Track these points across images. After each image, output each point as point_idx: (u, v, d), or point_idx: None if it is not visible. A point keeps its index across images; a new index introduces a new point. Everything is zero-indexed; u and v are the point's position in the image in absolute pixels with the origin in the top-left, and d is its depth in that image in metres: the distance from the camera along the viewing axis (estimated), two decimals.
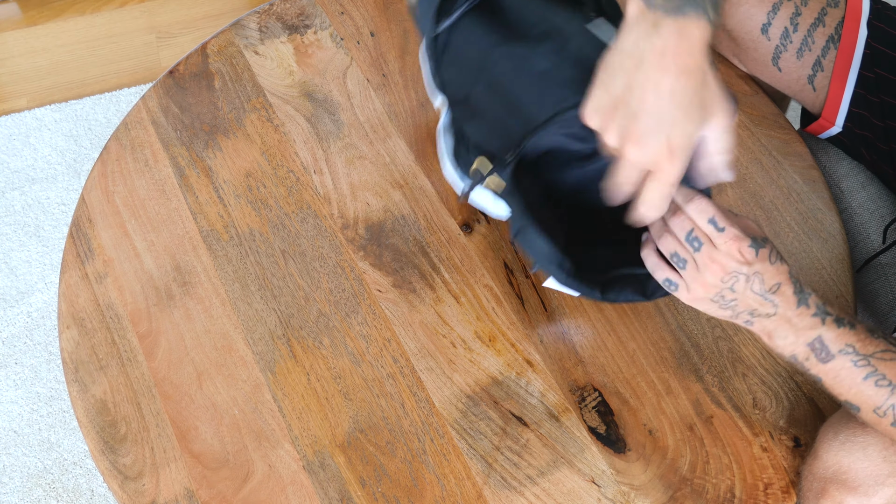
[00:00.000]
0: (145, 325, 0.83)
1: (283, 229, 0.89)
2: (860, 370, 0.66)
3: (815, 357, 0.67)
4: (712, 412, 0.78)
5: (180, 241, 0.88)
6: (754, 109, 0.98)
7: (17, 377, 1.38)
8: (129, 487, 0.75)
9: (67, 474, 1.30)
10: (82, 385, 0.81)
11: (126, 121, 0.97)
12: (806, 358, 0.67)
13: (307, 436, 0.78)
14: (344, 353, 0.82)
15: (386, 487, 0.75)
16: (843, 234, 0.89)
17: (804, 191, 0.92)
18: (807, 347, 0.67)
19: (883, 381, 0.66)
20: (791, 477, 0.75)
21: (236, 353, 0.82)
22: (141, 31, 1.80)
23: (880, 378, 0.66)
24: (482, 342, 0.82)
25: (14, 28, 1.81)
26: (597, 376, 0.80)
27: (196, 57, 1.02)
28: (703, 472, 0.76)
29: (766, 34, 0.96)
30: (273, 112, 0.97)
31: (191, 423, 0.78)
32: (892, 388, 0.66)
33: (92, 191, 0.92)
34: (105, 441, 0.78)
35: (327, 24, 1.04)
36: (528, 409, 0.79)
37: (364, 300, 0.85)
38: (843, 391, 0.68)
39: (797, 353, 0.68)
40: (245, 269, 0.87)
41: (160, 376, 0.81)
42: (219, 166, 0.93)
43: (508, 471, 0.76)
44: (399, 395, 0.79)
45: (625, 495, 0.75)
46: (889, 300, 0.92)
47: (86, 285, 0.86)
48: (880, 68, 0.90)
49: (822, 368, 0.67)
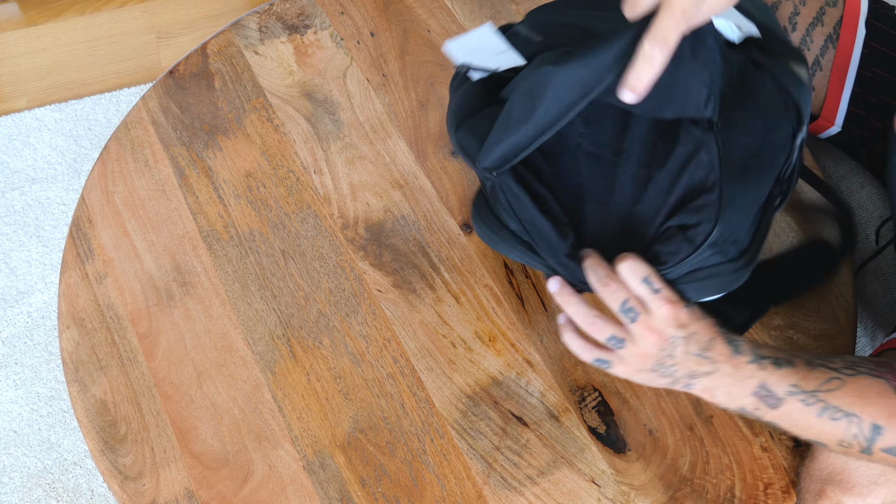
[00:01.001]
0: (145, 325, 0.84)
1: (283, 229, 0.89)
2: (811, 408, 0.64)
3: (764, 405, 0.65)
4: (712, 412, 0.78)
5: (180, 241, 0.89)
6: None
7: (17, 377, 1.38)
8: (129, 487, 0.75)
9: (67, 474, 1.30)
10: (82, 385, 0.81)
11: (126, 121, 0.97)
12: (755, 408, 0.65)
13: (307, 436, 0.78)
14: (344, 353, 0.82)
15: (386, 487, 0.75)
16: (843, 233, 0.89)
17: (804, 191, 0.92)
18: (753, 397, 0.65)
19: (837, 413, 0.64)
20: (791, 477, 0.75)
21: (236, 353, 0.82)
22: (141, 31, 1.80)
23: (833, 411, 0.64)
24: (482, 342, 0.82)
25: (14, 28, 1.81)
26: (597, 376, 0.80)
27: (196, 57, 1.02)
28: (703, 472, 0.76)
29: None
30: (273, 112, 0.97)
31: (191, 423, 0.78)
32: (848, 419, 0.64)
33: (92, 191, 0.92)
34: (105, 441, 0.78)
35: (327, 24, 1.04)
36: (528, 409, 0.79)
37: (364, 300, 0.85)
38: (803, 431, 0.66)
39: (745, 405, 0.65)
40: (245, 269, 0.87)
41: (160, 376, 0.81)
42: (219, 166, 0.94)
43: (508, 471, 0.76)
44: (399, 395, 0.79)
45: (625, 495, 0.75)
46: (889, 300, 0.92)
47: (86, 285, 0.86)
48: (879, 68, 0.90)
49: (774, 414, 0.65)
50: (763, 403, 0.65)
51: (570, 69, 0.62)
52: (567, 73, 0.62)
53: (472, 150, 0.71)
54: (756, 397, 0.64)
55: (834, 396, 0.64)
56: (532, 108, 0.65)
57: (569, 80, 0.63)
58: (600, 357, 0.65)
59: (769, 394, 0.64)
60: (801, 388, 0.64)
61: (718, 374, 0.64)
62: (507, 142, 0.66)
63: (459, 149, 0.73)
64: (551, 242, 0.68)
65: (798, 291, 0.85)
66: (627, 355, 0.64)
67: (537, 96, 0.64)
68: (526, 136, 0.66)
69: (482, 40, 0.77)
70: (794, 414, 0.64)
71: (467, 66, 0.76)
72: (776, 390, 0.64)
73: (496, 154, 0.67)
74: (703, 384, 0.65)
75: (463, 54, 0.76)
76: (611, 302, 0.63)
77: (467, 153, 0.72)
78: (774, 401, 0.64)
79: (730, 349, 0.64)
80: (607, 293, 0.62)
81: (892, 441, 0.64)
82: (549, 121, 0.64)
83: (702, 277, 0.67)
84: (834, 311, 0.84)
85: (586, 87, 0.62)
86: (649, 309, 0.62)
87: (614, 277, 0.62)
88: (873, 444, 0.64)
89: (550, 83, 0.63)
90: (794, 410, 0.64)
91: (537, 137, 0.65)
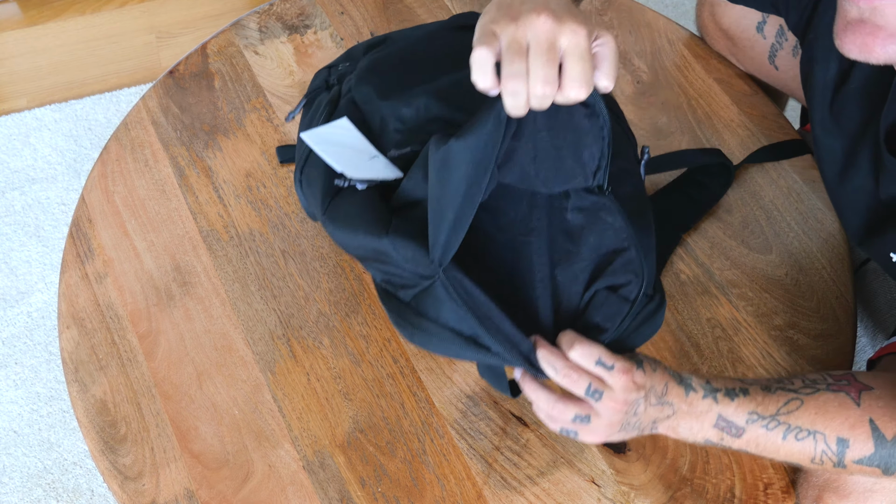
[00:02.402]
0: (145, 325, 0.84)
1: (283, 229, 0.89)
2: (775, 432, 0.65)
3: (727, 434, 0.66)
4: None
5: (180, 241, 0.89)
6: (754, 109, 0.98)
7: (17, 377, 1.38)
8: (129, 487, 0.75)
9: (67, 474, 1.30)
10: (82, 385, 0.81)
11: (126, 121, 0.97)
12: (720, 438, 0.66)
13: (307, 436, 0.78)
14: (344, 353, 0.82)
15: (386, 487, 0.75)
16: (843, 234, 0.89)
17: (804, 191, 0.92)
18: (714, 429, 0.66)
19: (801, 433, 0.65)
20: (791, 477, 0.75)
21: (236, 353, 0.82)
22: (141, 31, 1.80)
23: (797, 431, 0.65)
24: None
25: (14, 28, 1.81)
26: None
27: (196, 57, 1.02)
28: (703, 471, 0.76)
29: (761, 32, 0.96)
30: (273, 112, 0.97)
31: (191, 423, 0.78)
32: (812, 436, 0.65)
33: (92, 191, 0.92)
34: (105, 441, 0.78)
35: (327, 24, 1.04)
36: (528, 408, 0.79)
37: (364, 300, 0.85)
38: (773, 454, 0.66)
39: (709, 437, 0.66)
40: (245, 269, 0.87)
41: (160, 376, 0.81)
42: (219, 166, 0.93)
43: (508, 471, 0.76)
44: (399, 395, 0.79)
45: (625, 495, 0.75)
46: (887, 300, 0.92)
47: (86, 285, 0.86)
48: None
49: (740, 442, 0.66)
50: (726, 433, 0.66)
51: (464, 142, 0.61)
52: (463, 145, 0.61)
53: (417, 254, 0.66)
54: (717, 429, 0.65)
55: (795, 417, 0.65)
56: (448, 187, 0.62)
57: (467, 150, 0.61)
58: (568, 428, 0.66)
59: (729, 424, 0.65)
60: (760, 413, 0.65)
61: (678, 414, 0.66)
62: (445, 226, 0.63)
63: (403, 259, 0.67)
64: (510, 335, 0.65)
65: (703, 209, 0.90)
66: (595, 427, 0.65)
67: (448, 174, 0.62)
68: (456, 214, 0.62)
69: (345, 136, 0.74)
70: (760, 440, 0.65)
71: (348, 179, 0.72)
72: (735, 420, 0.65)
73: (440, 245, 0.63)
74: (666, 426, 0.67)
75: (325, 150, 0.72)
76: (576, 391, 0.63)
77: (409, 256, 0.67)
78: (736, 430, 0.65)
79: (682, 390, 0.65)
80: (570, 383, 0.63)
81: (860, 452, 0.65)
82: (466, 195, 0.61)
83: (635, 327, 0.68)
84: (834, 311, 0.84)
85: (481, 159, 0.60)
86: (609, 385, 0.63)
87: (572, 367, 0.63)
88: (843, 457, 0.65)
89: (452, 159, 0.62)
90: (758, 437, 0.65)
91: (467, 211, 0.62)
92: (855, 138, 0.74)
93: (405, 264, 0.66)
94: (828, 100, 0.77)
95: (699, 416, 0.65)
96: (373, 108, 0.76)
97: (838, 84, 0.75)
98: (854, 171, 0.75)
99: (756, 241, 0.89)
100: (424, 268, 0.65)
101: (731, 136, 0.96)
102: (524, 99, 0.54)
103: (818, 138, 0.79)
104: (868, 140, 0.73)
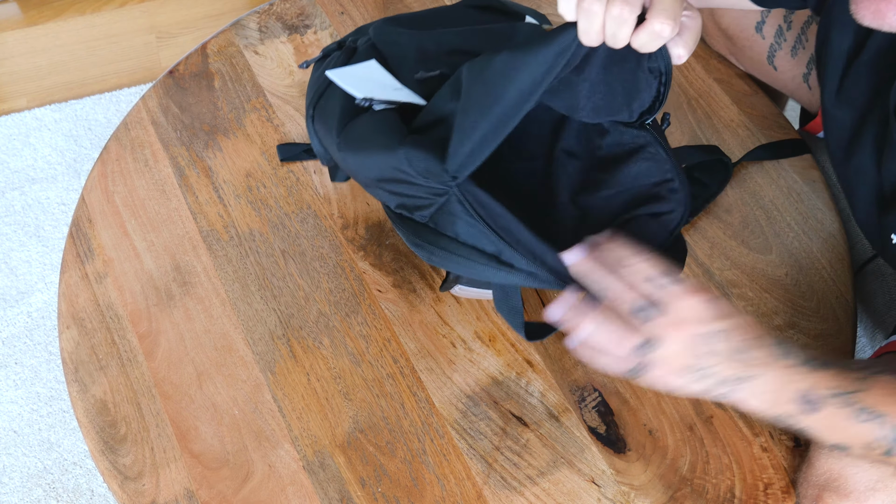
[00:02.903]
0: (145, 325, 0.84)
1: (283, 229, 0.89)
2: (845, 412, 0.60)
3: (802, 410, 0.61)
4: (712, 412, 0.78)
5: (180, 241, 0.89)
6: (754, 109, 0.98)
7: (17, 377, 1.38)
8: (129, 487, 0.75)
9: (67, 474, 1.30)
10: (82, 385, 0.81)
11: (126, 121, 0.97)
12: (792, 414, 0.61)
13: (307, 436, 0.78)
14: (344, 353, 0.82)
15: (386, 487, 0.75)
16: (843, 234, 0.89)
17: (804, 191, 0.92)
18: (793, 403, 0.60)
19: (869, 414, 0.60)
20: (791, 477, 0.75)
21: (236, 353, 0.82)
22: (141, 31, 1.80)
23: (867, 413, 0.60)
24: (482, 342, 0.82)
25: (14, 28, 1.81)
26: (597, 376, 0.80)
27: (196, 57, 1.02)
28: (703, 472, 0.76)
29: (760, 32, 0.96)
30: (273, 112, 0.97)
31: (191, 423, 0.78)
32: (878, 420, 0.60)
33: (92, 191, 0.92)
34: (105, 441, 0.78)
35: (327, 24, 1.04)
36: (528, 409, 0.79)
37: (364, 300, 0.85)
38: (834, 436, 0.62)
39: (781, 413, 0.61)
40: (245, 269, 0.87)
41: (160, 376, 0.81)
42: (219, 166, 0.94)
43: (508, 471, 0.76)
44: (399, 395, 0.79)
45: (625, 495, 0.75)
46: (887, 300, 0.92)
47: (86, 285, 0.86)
48: None
49: (810, 420, 0.61)
50: (804, 409, 0.60)
51: (524, 56, 0.59)
52: (522, 59, 0.59)
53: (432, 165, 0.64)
54: (796, 403, 0.60)
55: (865, 396, 0.60)
56: (492, 98, 0.60)
57: (526, 66, 0.59)
58: (634, 367, 0.60)
59: (810, 399, 0.60)
60: (841, 390, 0.60)
61: (765, 378, 0.60)
62: (474, 137, 0.60)
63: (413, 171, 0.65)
64: (532, 246, 0.62)
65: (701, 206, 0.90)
66: (665, 357, 0.59)
67: (495, 85, 0.60)
68: (492, 127, 0.60)
69: (370, 73, 0.72)
70: (833, 419, 0.61)
71: (370, 100, 0.70)
72: (819, 394, 0.60)
73: (461, 156, 0.61)
74: (745, 390, 0.60)
75: (349, 83, 0.70)
76: (623, 305, 0.58)
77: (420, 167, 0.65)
78: (812, 406, 0.60)
79: (778, 350, 0.60)
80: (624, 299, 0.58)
81: None
82: (512, 108, 0.59)
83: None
84: (834, 311, 0.84)
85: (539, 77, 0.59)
86: (671, 304, 0.58)
87: (618, 275, 0.58)
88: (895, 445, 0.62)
89: (508, 70, 0.59)
90: (832, 415, 0.60)
91: (502, 127, 0.60)
92: (864, 112, 0.72)
93: (419, 179, 0.63)
94: (839, 71, 0.75)
95: (787, 384, 0.60)
96: (396, 46, 0.74)
97: (852, 57, 0.74)
98: (860, 147, 0.73)
99: (756, 241, 0.89)
100: (439, 180, 0.62)
101: (730, 136, 0.96)
102: (599, 22, 0.50)
103: (827, 112, 0.77)
104: (876, 114, 0.71)
